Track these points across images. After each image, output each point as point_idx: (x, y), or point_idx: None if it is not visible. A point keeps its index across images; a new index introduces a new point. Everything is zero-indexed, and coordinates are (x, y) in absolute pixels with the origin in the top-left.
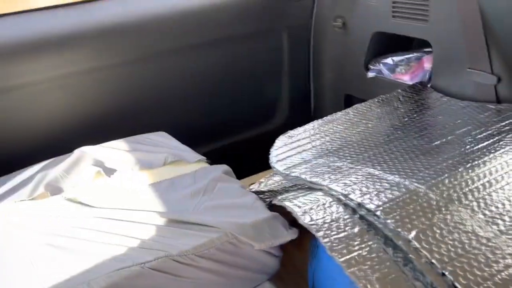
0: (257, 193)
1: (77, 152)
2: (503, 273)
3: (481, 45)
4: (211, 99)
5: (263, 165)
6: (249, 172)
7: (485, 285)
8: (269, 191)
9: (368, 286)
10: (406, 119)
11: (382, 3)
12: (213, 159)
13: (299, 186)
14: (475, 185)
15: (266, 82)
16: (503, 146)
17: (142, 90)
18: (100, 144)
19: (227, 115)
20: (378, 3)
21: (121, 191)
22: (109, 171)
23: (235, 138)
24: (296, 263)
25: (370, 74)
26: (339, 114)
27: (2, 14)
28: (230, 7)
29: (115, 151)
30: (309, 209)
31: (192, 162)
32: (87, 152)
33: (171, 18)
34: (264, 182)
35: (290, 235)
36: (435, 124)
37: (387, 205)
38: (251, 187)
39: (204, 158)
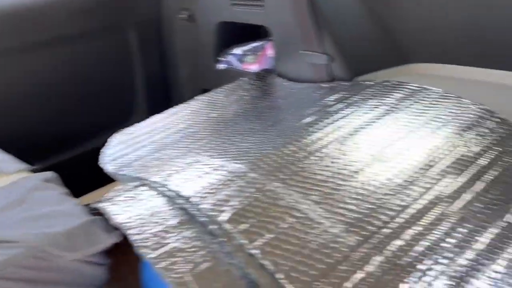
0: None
1: None
2: (314, 243)
3: (311, 27)
4: (57, 106)
5: None
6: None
7: (296, 259)
8: None
9: (179, 279)
10: (248, 105)
11: None
12: (64, 170)
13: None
14: (294, 159)
15: (118, 82)
16: (327, 118)
17: None
18: None
19: (75, 121)
20: None
21: None
22: None
23: (89, 146)
24: (127, 268)
25: (221, 66)
26: (182, 105)
27: None
28: (68, 3)
29: None
30: (126, 207)
31: (11, 173)
32: None
33: (2, 15)
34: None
35: (111, 239)
36: (274, 107)
37: (205, 190)
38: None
39: (28, 167)
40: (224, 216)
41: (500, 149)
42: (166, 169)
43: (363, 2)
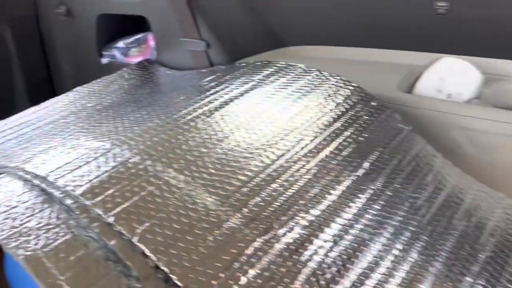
0: None
1: None
2: (172, 207)
3: (188, 15)
4: None
5: None
6: None
7: (153, 222)
8: None
9: (29, 256)
10: (127, 94)
11: None
12: None
13: None
14: (160, 133)
15: None
16: (197, 95)
17: None
18: None
19: None
20: None
21: None
22: None
23: None
24: None
25: (104, 60)
26: (60, 97)
27: None
28: None
29: None
30: None
31: None
32: None
33: None
34: None
35: None
36: (153, 93)
37: (63, 168)
38: None
39: None
40: (79, 190)
41: (353, 113)
42: (27, 155)
43: None
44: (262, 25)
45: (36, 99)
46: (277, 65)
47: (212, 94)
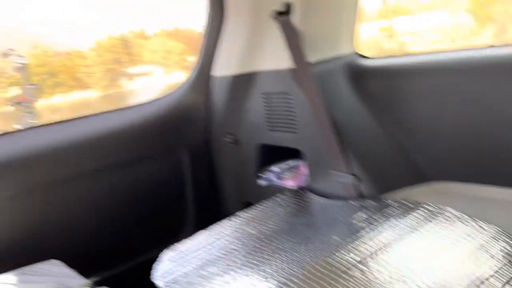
0: None
1: None
2: None
3: (337, 150)
4: (114, 223)
5: None
6: None
7: None
8: None
9: None
10: (284, 223)
11: (260, 119)
12: (119, 283)
13: None
14: (319, 279)
15: (170, 200)
16: (350, 237)
17: (40, 219)
18: None
19: (132, 237)
20: (257, 119)
21: None
22: None
23: (141, 259)
24: None
25: (262, 182)
26: (225, 222)
27: None
28: (132, 132)
29: (4, 287)
30: None
31: None
32: None
33: (67, 147)
34: None
35: None
36: (307, 224)
37: None
38: None
39: (89, 282)
40: None
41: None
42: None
43: (379, 125)
44: (407, 159)
45: (201, 216)
46: (427, 208)
47: (364, 237)
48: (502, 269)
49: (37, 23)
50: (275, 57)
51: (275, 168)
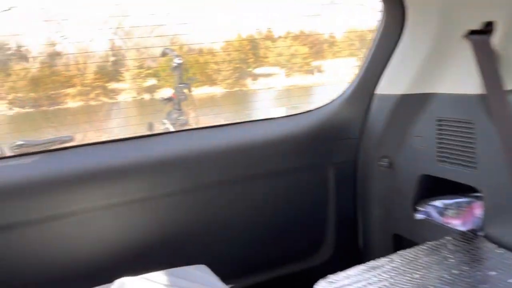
0: None
1: (117, 283)
2: None
3: None
4: (255, 232)
5: None
6: None
7: None
8: None
9: None
10: (456, 271)
11: (428, 147)
12: None
13: None
14: None
15: (310, 216)
16: None
17: (188, 220)
18: (141, 276)
19: (271, 248)
20: (423, 147)
21: None
22: None
23: (278, 272)
24: None
25: (419, 216)
26: (383, 260)
27: (63, 148)
28: (280, 143)
29: (154, 286)
30: None
31: None
32: (127, 284)
33: (222, 152)
34: None
35: None
36: (487, 280)
37: None
38: None
39: None
40: None
41: None
42: None
43: None
44: None
45: (340, 239)
46: None
47: None
48: None
49: (177, 22)
50: (458, 80)
51: (437, 202)
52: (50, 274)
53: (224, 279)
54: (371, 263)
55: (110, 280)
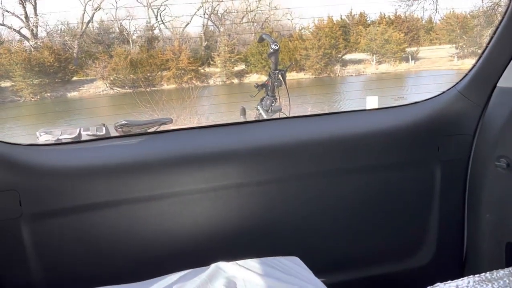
0: None
1: (213, 267)
2: None
3: None
4: (351, 227)
5: None
6: None
7: None
8: None
9: None
10: None
11: None
12: None
13: None
14: None
15: (413, 214)
16: None
17: (282, 210)
18: (236, 262)
19: (366, 245)
20: None
21: None
22: None
23: (373, 272)
24: None
25: None
26: (501, 273)
27: (166, 131)
28: (382, 136)
29: (249, 273)
30: None
31: None
32: (223, 269)
33: (320, 143)
34: None
35: None
36: None
37: None
38: None
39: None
40: None
41: None
42: None
43: None
44: None
45: (442, 242)
46: None
47: None
48: None
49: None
50: None
51: None
52: (149, 252)
53: (316, 272)
54: (487, 275)
55: (205, 263)
